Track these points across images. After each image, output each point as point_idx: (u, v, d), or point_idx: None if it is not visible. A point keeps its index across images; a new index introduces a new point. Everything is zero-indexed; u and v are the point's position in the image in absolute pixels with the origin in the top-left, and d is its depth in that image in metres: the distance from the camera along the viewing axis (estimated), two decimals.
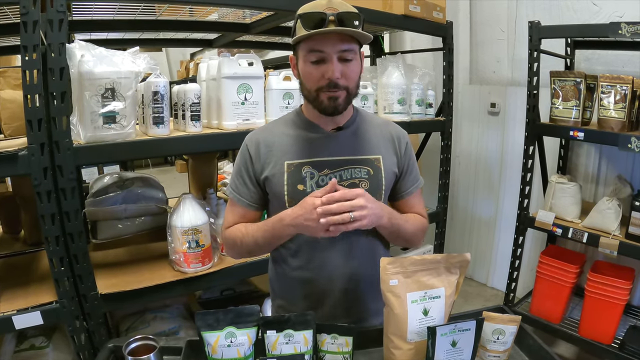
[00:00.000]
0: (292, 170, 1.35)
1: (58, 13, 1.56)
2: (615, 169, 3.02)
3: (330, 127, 1.40)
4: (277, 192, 1.36)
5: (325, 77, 1.25)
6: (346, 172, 1.36)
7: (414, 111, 2.93)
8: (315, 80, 1.28)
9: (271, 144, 1.39)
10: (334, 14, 1.21)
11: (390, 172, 1.42)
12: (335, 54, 1.24)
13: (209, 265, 2.08)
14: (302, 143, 1.38)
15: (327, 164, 1.36)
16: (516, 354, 1.38)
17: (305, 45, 1.26)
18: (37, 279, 1.98)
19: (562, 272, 2.75)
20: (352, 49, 1.26)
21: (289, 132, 1.41)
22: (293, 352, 1.20)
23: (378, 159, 1.40)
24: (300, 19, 1.24)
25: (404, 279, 1.25)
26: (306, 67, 1.28)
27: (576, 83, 2.62)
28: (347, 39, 1.24)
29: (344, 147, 1.38)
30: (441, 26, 2.95)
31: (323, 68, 1.25)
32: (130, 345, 1.21)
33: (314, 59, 1.26)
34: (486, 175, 3.98)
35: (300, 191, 1.34)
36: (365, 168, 1.37)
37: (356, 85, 1.32)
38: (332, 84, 1.25)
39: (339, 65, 1.25)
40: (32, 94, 1.55)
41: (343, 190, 1.21)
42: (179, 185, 4.09)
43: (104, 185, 2.20)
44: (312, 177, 1.35)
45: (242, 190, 1.42)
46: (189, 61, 7.65)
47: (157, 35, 3.02)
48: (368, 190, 1.30)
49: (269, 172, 1.37)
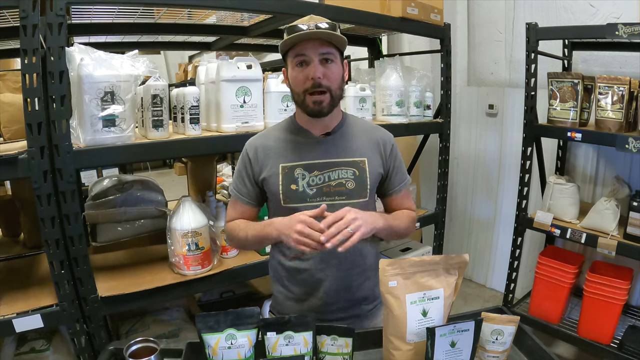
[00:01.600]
0: (286, 172, 1.51)
1: (57, 17, 1.57)
2: (613, 169, 3.04)
3: (320, 132, 1.55)
4: (274, 191, 1.51)
5: (309, 77, 1.41)
6: (334, 173, 1.51)
7: (412, 113, 2.93)
8: (301, 83, 1.43)
9: (268, 148, 1.55)
10: (313, 25, 1.39)
11: (375, 173, 1.56)
12: (316, 57, 1.41)
13: (209, 267, 2.08)
14: (295, 147, 1.54)
15: (317, 166, 1.51)
16: (515, 354, 1.38)
17: (291, 52, 1.44)
18: (37, 282, 1.98)
19: (560, 273, 2.75)
20: (331, 52, 1.43)
21: (284, 137, 1.57)
22: (293, 354, 1.20)
23: (363, 161, 1.54)
24: (286, 31, 1.41)
25: (403, 280, 1.25)
26: (293, 72, 1.46)
27: (574, 84, 2.64)
28: (326, 44, 1.41)
29: (332, 151, 1.53)
30: (439, 28, 2.96)
31: (307, 70, 1.42)
32: (132, 347, 1.21)
33: (299, 61, 1.43)
34: (484, 177, 3.99)
35: (294, 190, 1.50)
36: (352, 169, 1.52)
37: (338, 87, 1.47)
38: (316, 84, 1.41)
39: (320, 66, 1.41)
40: (31, 98, 1.55)
41: (331, 215, 1.34)
42: (178, 188, 4.09)
43: (104, 188, 2.20)
44: (303, 178, 1.50)
45: (242, 189, 1.59)
46: (187, 64, 7.65)
47: (156, 38, 3.02)
48: (354, 189, 1.50)
49: (267, 174, 1.53)
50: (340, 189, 1.50)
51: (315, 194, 1.49)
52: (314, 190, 1.49)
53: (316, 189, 1.49)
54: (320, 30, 1.38)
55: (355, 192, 1.50)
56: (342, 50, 1.48)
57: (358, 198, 1.51)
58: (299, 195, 1.49)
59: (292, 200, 1.49)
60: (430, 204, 3.44)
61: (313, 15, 1.44)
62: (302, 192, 1.49)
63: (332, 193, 1.49)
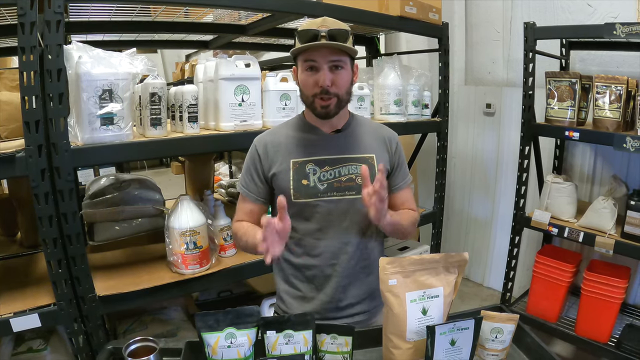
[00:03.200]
0: (297, 167, 1.53)
1: (55, 14, 1.56)
2: (610, 168, 3.05)
3: (329, 130, 1.57)
4: (284, 187, 1.52)
5: (318, 84, 1.43)
6: (344, 169, 1.53)
7: (410, 112, 2.93)
8: (310, 87, 1.46)
9: (278, 145, 1.57)
10: (326, 31, 1.39)
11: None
12: (325, 64, 1.42)
13: (207, 266, 2.08)
14: (305, 143, 1.56)
15: (328, 162, 1.53)
16: (514, 352, 1.39)
17: (302, 56, 1.45)
18: (34, 282, 1.97)
19: (558, 272, 2.76)
20: (341, 59, 1.44)
21: (293, 134, 1.58)
22: (293, 353, 1.20)
23: (372, 157, 1.57)
24: (298, 34, 1.43)
25: (403, 278, 1.25)
26: (303, 75, 1.47)
27: (571, 83, 2.64)
28: (337, 51, 1.42)
29: (341, 147, 1.56)
30: (437, 27, 2.96)
31: (316, 76, 1.43)
32: (131, 346, 1.21)
33: (308, 66, 1.44)
34: (482, 176, 4.00)
35: (304, 185, 1.52)
36: (361, 165, 1.50)
37: (346, 92, 1.49)
38: (324, 90, 1.43)
39: (329, 73, 1.43)
40: (29, 96, 1.54)
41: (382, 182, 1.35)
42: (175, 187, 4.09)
43: (101, 187, 2.19)
44: (314, 173, 1.52)
45: (251, 186, 1.60)
46: (184, 63, 7.62)
47: (153, 36, 3.01)
48: (363, 185, 1.44)
49: (277, 169, 1.54)
50: (351, 184, 1.52)
51: (326, 189, 1.51)
52: (325, 186, 1.51)
53: (327, 184, 1.51)
54: (330, 43, 1.38)
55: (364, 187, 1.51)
56: (354, 55, 1.49)
57: None
58: (310, 190, 1.51)
59: (303, 195, 1.51)
60: (428, 203, 3.44)
61: (327, 18, 1.45)
62: (313, 187, 1.51)
63: (342, 188, 1.52)
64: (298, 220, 1.54)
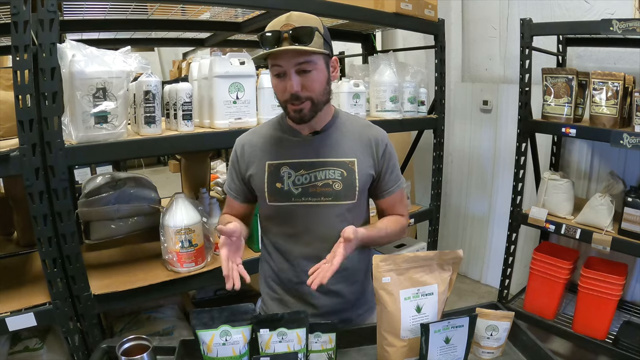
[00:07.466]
0: (272, 170, 1.48)
1: (49, 13, 1.55)
2: (607, 165, 3.05)
3: (307, 132, 1.49)
4: (260, 189, 1.50)
5: (287, 91, 1.34)
6: (321, 173, 1.46)
7: (406, 109, 2.93)
8: (280, 93, 1.38)
9: (254, 146, 1.53)
10: (288, 31, 1.28)
11: (365, 174, 1.49)
12: (292, 68, 1.32)
13: (202, 264, 2.07)
14: (282, 145, 1.50)
15: (304, 165, 1.46)
16: (510, 350, 1.39)
17: (269, 60, 1.35)
18: (30, 281, 1.97)
19: (555, 269, 2.76)
20: (309, 61, 1.32)
21: (272, 134, 1.53)
22: (287, 351, 1.20)
23: (353, 161, 1.48)
24: (259, 38, 1.32)
25: (397, 276, 1.25)
26: (273, 80, 1.38)
27: (568, 80, 2.64)
28: (303, 52, 1.30)
29: (319, 150, 1.48)
30: (433, 24, 2.96)
31: (284, 83, 1.34)
32: (124, 345, 1.21)
33: (276, 72, 1.35)
34: (479, 173, 4.00)
35: (279, 189, 1.47)
36: (339, 170, 1.46)
37: (321, 93, 1.38)
38: (294, 96, 1.33)
39: (297, 78, 1.32)
40: (23, 95, 1.54)
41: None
42: (172, 186, 4.08)
43: (97, 186, 2.19)
44: (289, 177, 1.46)
45: (232, 185, 1.60)
46: (181, 61, 7.61)
47: (149, 35, 3.00)
48: (341, 191, 1.45)
49: (253, 171, 1.51)
50: (327, 190, 1.45)
51: (300, 194, 1.45)
52: (299, 190, 1.45)
53: (302, 189, 1.45)
54: (292, 48, 1.27)
55: (343, 193, 1.45)
56: (327, 51, 1.38)
57: (345, 200, 1.46)
58: (283, 193, 1.46)
59: (277, 198, 1.47)
60: (425, 200, 3.44)
61: (292, 13, 1.35)
62: (287, 191, 1.45)
63: (318, 194, 1.45)
64: (274, 223, 1.53)
